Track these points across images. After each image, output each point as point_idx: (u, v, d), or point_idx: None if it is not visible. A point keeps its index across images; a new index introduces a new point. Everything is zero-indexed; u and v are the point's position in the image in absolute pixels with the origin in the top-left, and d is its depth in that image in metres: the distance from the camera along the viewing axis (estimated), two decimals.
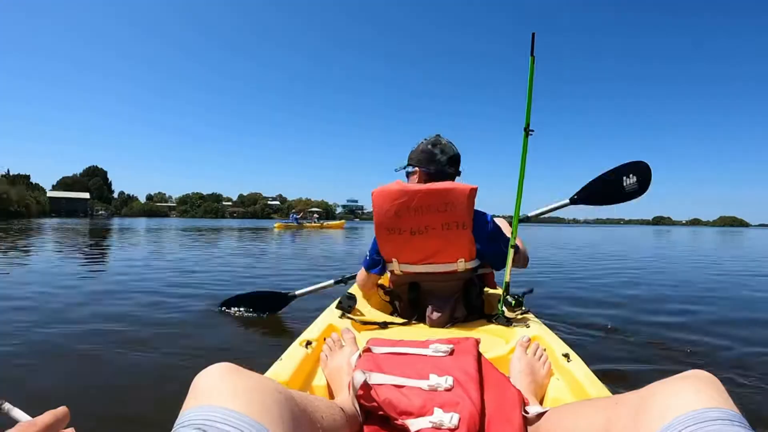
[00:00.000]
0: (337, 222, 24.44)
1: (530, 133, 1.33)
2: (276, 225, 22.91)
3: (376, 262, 1.48)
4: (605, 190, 1.86)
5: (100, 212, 71.03)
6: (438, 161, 1.43)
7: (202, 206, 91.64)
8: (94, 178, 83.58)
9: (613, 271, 5.59)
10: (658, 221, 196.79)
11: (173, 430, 0.42)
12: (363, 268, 1.55)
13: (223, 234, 15.29)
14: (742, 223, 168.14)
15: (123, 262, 5.90)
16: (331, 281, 2.12)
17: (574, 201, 1.93)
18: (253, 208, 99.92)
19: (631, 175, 1.81)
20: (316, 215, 27.13)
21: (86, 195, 73.14)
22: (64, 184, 78.70)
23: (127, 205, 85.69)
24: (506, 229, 1.49)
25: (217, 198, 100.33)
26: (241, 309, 2.38)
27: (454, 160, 1.44)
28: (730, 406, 0.43)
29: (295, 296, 2.22)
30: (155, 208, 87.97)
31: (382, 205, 1.33)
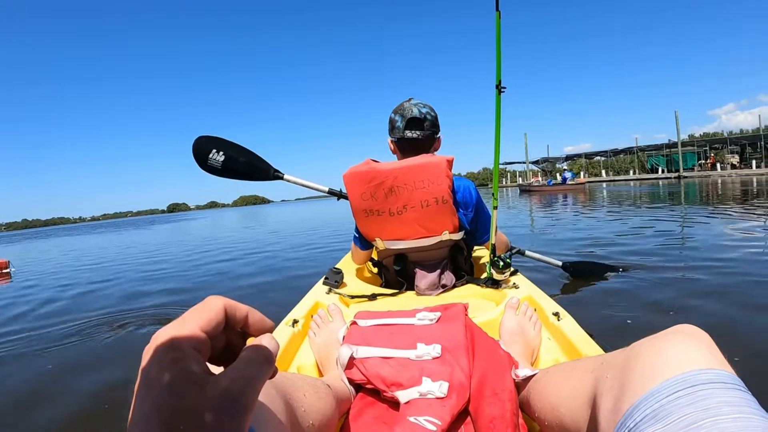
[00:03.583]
0: None
1: (502, 90, 1.28)
2: None
3: (365, 239, 1.43)
4: (590, 271, 2.48)
5: None
6: (398, 128, 1.36)
7: None
8: None
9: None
10: None
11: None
12: (354, 245, 1.50)
13: None
14: None
15: None
16: (325, 188, 1.86)
17: (564, 267, 2.37)
18: None
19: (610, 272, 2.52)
20: None
21: None
22: None
23: None
24: None
25: None
26: (218, 159, 1.75)
27: (415, 122, 1.35)
28: (721, 365, 0.39)
29: (281, 176, 1.85)
30: None
31: (355, 189, 1.28)
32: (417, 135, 1.34)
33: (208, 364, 0.30)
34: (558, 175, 25.63)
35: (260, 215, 23.44)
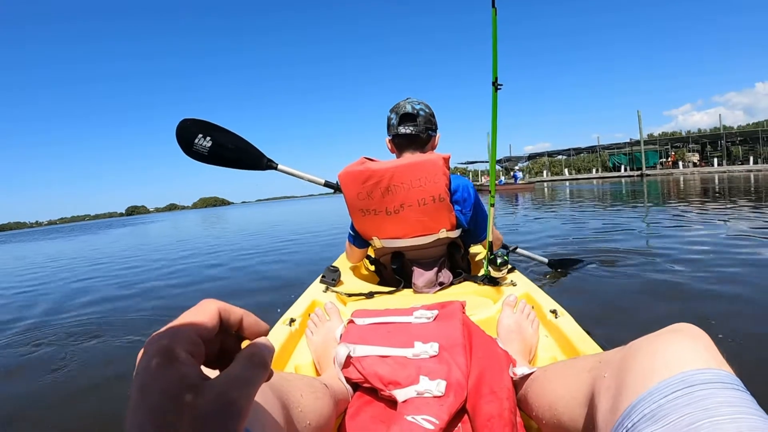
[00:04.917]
0: None
1: (499, 87, 1.28)
2: None
3: (360, 237, 1.43)
4: (570, 265, 2.61)
5: None
6: (393, 125, 1.36)
7: None
8: None
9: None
10: None
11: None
12: (349, 243, 1.49)
13: None
14: None
15: None
16: (322, 180, 1.77)
17: (550, 264, 2.45)
18: None
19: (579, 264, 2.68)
20: None
21: None
22: None
23: None
24: None
25: None
26: (205, 145, 1.62)
27: (408, 117, 1.35)
28: (720, 364, 0.39)
29: (274, 166, 1.72)
30: None
31: (350, 188, 1.28)
32: (410, 130, 1.34)
33: (202, 368, 0.29)
34: (510, 173, 26.19)
35: (223, 218, 21.27)
